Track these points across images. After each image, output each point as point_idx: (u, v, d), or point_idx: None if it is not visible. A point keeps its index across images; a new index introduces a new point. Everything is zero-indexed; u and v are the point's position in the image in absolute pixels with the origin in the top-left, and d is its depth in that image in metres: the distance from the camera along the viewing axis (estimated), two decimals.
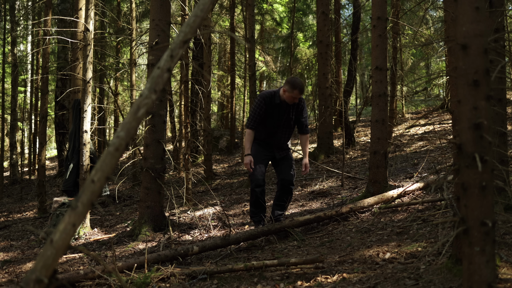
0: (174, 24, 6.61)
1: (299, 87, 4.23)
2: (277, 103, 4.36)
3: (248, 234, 4.21)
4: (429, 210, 4.24)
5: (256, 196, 4.48)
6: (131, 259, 3.75)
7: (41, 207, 8.07)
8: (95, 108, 8.39)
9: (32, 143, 15.25)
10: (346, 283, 2.85)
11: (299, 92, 4.25)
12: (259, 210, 4.54)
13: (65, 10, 11.58)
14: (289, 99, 4.30)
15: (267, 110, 4.37)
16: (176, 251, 3.92)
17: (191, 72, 10.81)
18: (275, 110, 4.39)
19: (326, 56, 8.70)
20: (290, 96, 4.28)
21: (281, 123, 4.47)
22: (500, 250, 2.72)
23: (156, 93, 1.47)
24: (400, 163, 7.33)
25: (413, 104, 15.12)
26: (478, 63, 1.87)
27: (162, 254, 3.88)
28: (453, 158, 2.58)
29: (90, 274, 3.46)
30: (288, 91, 4.26)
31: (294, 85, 4.24)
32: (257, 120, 4.40)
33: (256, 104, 4.38)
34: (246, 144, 4.43)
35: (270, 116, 4.41)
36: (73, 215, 1.38)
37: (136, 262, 3.69)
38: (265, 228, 4.29)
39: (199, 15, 1.53)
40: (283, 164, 4.57)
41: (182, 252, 3.93)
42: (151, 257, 3.79)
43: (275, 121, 4.44)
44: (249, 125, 4.44)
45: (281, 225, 4.32)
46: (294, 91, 4.24)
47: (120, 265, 3.64)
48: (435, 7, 11.43)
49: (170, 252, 3.92)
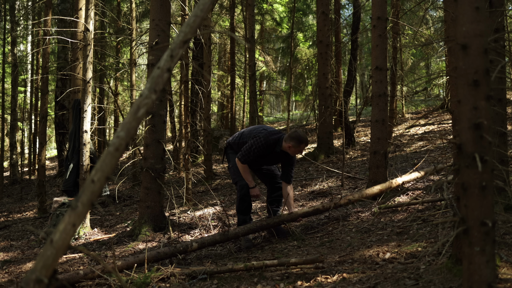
0: (174, 24, 6.61)
1: (305, 141, 4.21)
2: (276, 151, 4.32)
3: (247, 229, 4.17)
4: (429, 210, 4.24)
5: (247, 203, 4.39)
6: (130, 258, 3.75)
7: (41, 207, 8.07)
8: (95, 108, 8.39)
9: (32, 143, 15.25)
10: (346, 283, 2.85)
11: (305, 145, 4.24)
12: (248, 218, 4.45)
13: (65, 10, 11.57)
14: (295, 153, 4.27)
15: (264, 153, 4.31)
16: (175, 248, 3.91)
17: (191, 72, 10.81)
18: (271, 155, 4.36)
19: (326, 56, 8.70)
20: (297, 150, 4.24)
21: (271, 163, 4.51)
22: (500, 250, 2.72)
23: (156, 93, 1.47)
24: (400, 163, 7.33)
25: (413, 104, 15.12)
26: (478, 63, 1.87)
27: (161, 251, 3.87)
28: (453, 158, 2.58)
29: (90, 274, 3.45)
30: (295, 146, 4.19)
31: (301, 139, 4.18)
32: (252, 159, 4.30)
33: (257, 146, 4.25)
34: (247, 177, 4.33)
35: (265, 157, 4.38)
36: (73, 215, 1.38)
37: (136, 261, 3.69)
38: (264, 222, 4.25)
39: (199, 15, 1.53)
40: (271, 176, 4.59)
41: (181, 249, 3.92)
42: (150, 255, 3.78)
43: (265, 161, 4.45)
44: (244, 161, 4.30)
45: (280, 219, 4.28)
46: (301, 145, 4.20)
47: (120, 264, 3.64)
48: (435, 7, 11.44)
49: (169, 249, 3.91)
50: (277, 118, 20.79)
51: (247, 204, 4.39)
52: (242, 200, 4.38)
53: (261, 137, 4.24)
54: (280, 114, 26.02)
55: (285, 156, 4.36)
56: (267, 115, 23.11)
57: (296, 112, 23.43)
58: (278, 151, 4.29)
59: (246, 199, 4.36)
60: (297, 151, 4.25)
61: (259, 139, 4.23)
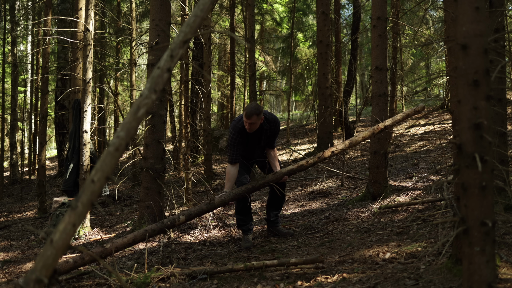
0: (174, 24, 6.61)
1: (248, 114, 4.07)
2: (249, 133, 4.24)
3: (233, 195, 4.10)
4: (429, 210, 4.24)
5: (243, 203, 4.30)
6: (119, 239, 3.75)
7: (41, 207, 8.07)
8: (95, 108, 8.39)
9: (32, 143, 15.25)
10: (346, 283, 2.85)
11: (245, 116, 4.09)
12: (247, 218, 4.37)
13: (65, 10, 11.57)
14: (250, 128, 4.16)
15: (242, 139, 4.25)
16: (162, 223, 3.87)
17: (191, 72, 10.81)
18: (247, 137, 4.27)
19: (326, 56, 8.70)
20: (248, 124, 4.13)
21: (256, 145, 4.37)
22: (500, 250, 2.72)
23: (156, 93, 1.47)
24: (400, 163, 7.33)
25: (413, 104, 15.11)
26: (478, 63, 1.87)
27: (149, 228, 3.84)
28: (453, 158, 2.58)
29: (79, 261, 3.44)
30: (245, 121, 4.12)
31: (245, 113, 4.10)
32: (236, 152, 4.24)
33: (231, 137, 4.24)
34: (227, 183, 4.24)
35: (245, 141, 4.29)
36: (73, 215, 1.38)
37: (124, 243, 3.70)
38: (249, 185, 4.15)
39: (199, 15, 1.53)
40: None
41: (169, 224, 3.89)
42: (138, 234, 3.77)
43: (251, 144, 4.34)
44: (232, 160, 4.25)
45: (265, 180, 4.19)
46: (247, 119, 4.09)
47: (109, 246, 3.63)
48: (435, 7, 11.43)
49: (157, 225, 3.87)
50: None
51: (243, 204, 4.32)
52: (237, 200, 4.34)
53: (231, 129, 4.28)
54: (280, 114, 26.02)
55: (264, 133, 4.30)
56: None
57: (296, 112, 23.43)
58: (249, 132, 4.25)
59: (241, 199, 4.30)
60: (248, 126, 4.14)
61: (230, 131, 4.28)
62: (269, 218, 4.53)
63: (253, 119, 4.09)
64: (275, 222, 4.52)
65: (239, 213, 4.37)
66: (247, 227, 4.38)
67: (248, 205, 4.34)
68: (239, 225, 4.41)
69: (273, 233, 4.54)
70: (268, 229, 4.60)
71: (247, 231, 4.38)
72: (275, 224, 4.53)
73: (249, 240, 4.33)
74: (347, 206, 5.14)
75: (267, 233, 4.61)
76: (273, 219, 4.51)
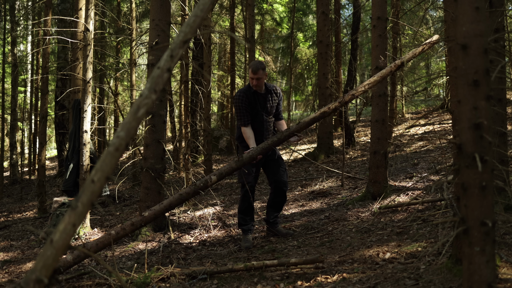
0: (174, 24, 6.61)
1: (251, 67, 4.20)
2: (253, 92, 4.29)
3: (260, 149, 4.02)
4: (429, 210, 4.24)
5: (248, 202, 4.33)
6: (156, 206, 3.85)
7: (41, 207, 8.07)
8: (95, 108, 8.39)
9: (32, 143, 15.25)
10: (346, 283, 2.85)
11: (251, 71, 4.18)
12: (249, 218, 4.38)
13: (65, 10, 11.57)
14: (251, 82, 4.24)
15: (250, 103, 4.28)
16: (195, 185, 3.90)
17: (191, 72, 10.81)
18: (255, 100, 4.30)
19: (326, 56, 8.69)
20: (253, 79, 4.21)
21: (264, 110, 4.36)
22: (500, 250, 2.72)
23: (156, 93, 1.47)
24: (400, 163, 7.33)
25: (413, 104, 15.13)
26: (478, 63, 1.87)
27: (183, 192, 3.89)
28: (453, 158, 2.58)
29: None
30: (251, 76, 4.22)
31: (251, 67, 4.22)
32: (247, 115, 4.27)
33: (237, 102, 4.28)
34: (249, 141, 4.23)
35: (253, 106, 4.32)
36: (73, 215, 1.38)
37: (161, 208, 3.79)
38: (275, 138, 4.06)
39: (199, 15, 1.53)
40: (274, 165, 4.40)
41: (201, 185, 3.91)
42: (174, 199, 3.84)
43: (258, 110, 4.33)
44: (244, 123, 4.28)
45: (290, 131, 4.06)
46: (252, 73, 4.19)
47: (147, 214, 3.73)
48: (435, 7, 11.44)
49: (190, 188, 3.91)
50: None
51: (247, 204, 4.35)
52: (242, 199, 4.38)
53: (235, 99, 4.32)
54: None
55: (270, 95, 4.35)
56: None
57: (296, 112, 23.43)
58: (252, 91, 4.28)
59: (246, 199, 4.34)
60: (251, 80, 4.23)
61: (235, 100, 4.31)
62: (269, 219, 4.52)
63: (259, 74, 4.17)
64: (275, 222, 4.52)
65: (242, 212, 4.38)
66: (248, 227, 4.38)
67: (252, 205, 4.36)
68: (240, 224, 4.41)
69: (273, 233, 4.54)
70: (267, 229, 4.60)
71: (247, 231, 4.38)
72: (275, 225, 4.53)
73: (249, 240, 4.34)
74: (347, 206, 5.14)
75: (266, 233, 4.61)
76: (273, 220, 4.51)
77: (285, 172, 4.42)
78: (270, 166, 4.42)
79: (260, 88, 4.28)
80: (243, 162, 3.97)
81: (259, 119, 4.35)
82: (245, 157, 3.97)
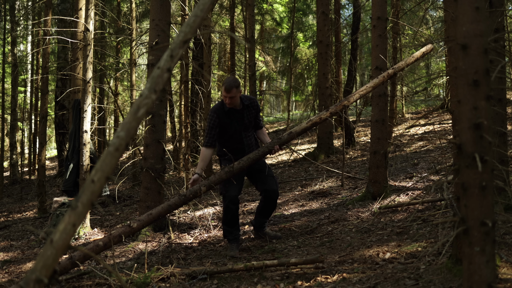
0: (174, 24, 6.61)
1: (224, 85, 4.03)
2: (227, 110, 4.13)
3: (251, 160, 4.01)
4: (429, 210, 4.24)
5: (231, 214, 4.13)
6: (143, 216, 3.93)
7: (41, 207, 8.07)
8: (95, 108, 8.39)
9: (32, 143, 15.25)
10: (346, 283, 2.85)
11: (224, 90, 4.02)
12: (234, 229, 4.20)
13: (65, 10, 11.57)
14: (224, 100, 4.08)
15: (222, 121, 4.14)
16: (185, 196, 3.97)
17: (191, 72, 10.81)
18: (229, 118, 4.16)
19: (326, 56, 8.69)
20: (223, 97, 4.07)
21: (241, 128, 4.22)
22: (500, 250, 2.72)
23: (156, 93, 1.47)
24: (400, 163, 7.33)
25: (413, 104, 15.12)
26: (478, 63, 1.87)
27: (172, 203, 3.95)
28: (453, 158, 2.58)
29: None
30: (223, 94, 4.06)
31: (223, 86, 4.04)
32: (213, 135, 4.15)
33: (208, 120, 4.17)
34: (200, 163, 4.14)
35: (228, 125, 4.17)
36: (73, 215, 1.38)
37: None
38: (265, 149, 4.02)
39: (199, 15, 1.53)
40: (262, 175, 4.24)
41: (191, 196, 3.98)
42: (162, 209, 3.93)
43: (235, 127, 4.19)
44: (206, 143, 4.16)
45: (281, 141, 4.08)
46: (225, 92, 4.02)
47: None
48: (435, 7, 11.43)
49: (180, 199, 3.97)
50: (277, 118, 20.78)
51: (231, 216, 4.14)
52: (225, 211, 4.17)
53: (209, 114, 4.22)
54: (280, 114, 26.02)
55: (246, 110, 4.20)
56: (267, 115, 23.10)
57: (296, 112, 23.42)
58: (227, 110, 4.13)
59: (229, 210, 4.13)
60: (229, 100, 4.05)
61: (209, 114, 4.21)
62: (256, 224, 4.43)
63: (233, 92, 4.00)
64: (262, 226, 4.43)
65: (226, 224, 4.20)
66: (233, 237, 4.22)
67: (236, 216, 4.18)
68: (225, 236, 4.26)
69: (259, 236, 4.44)
70: (255, 233, 4.50)
71: (233, 240, 4.21)
72: (262, 228, 4.44)
73: (234, 248, 4.16)
74: (347, 206, 5.14)
75: (254, 236, 4.52)
76: (259, 225, 4.42)
77: (273, 179, 4.25)
78: (256, 176, 4.29)
79: (235, 105, 4.13)
80: (233, 172, 3.96)
81: (238, 136, 4.23)
82: (236, 167, 3.94)
